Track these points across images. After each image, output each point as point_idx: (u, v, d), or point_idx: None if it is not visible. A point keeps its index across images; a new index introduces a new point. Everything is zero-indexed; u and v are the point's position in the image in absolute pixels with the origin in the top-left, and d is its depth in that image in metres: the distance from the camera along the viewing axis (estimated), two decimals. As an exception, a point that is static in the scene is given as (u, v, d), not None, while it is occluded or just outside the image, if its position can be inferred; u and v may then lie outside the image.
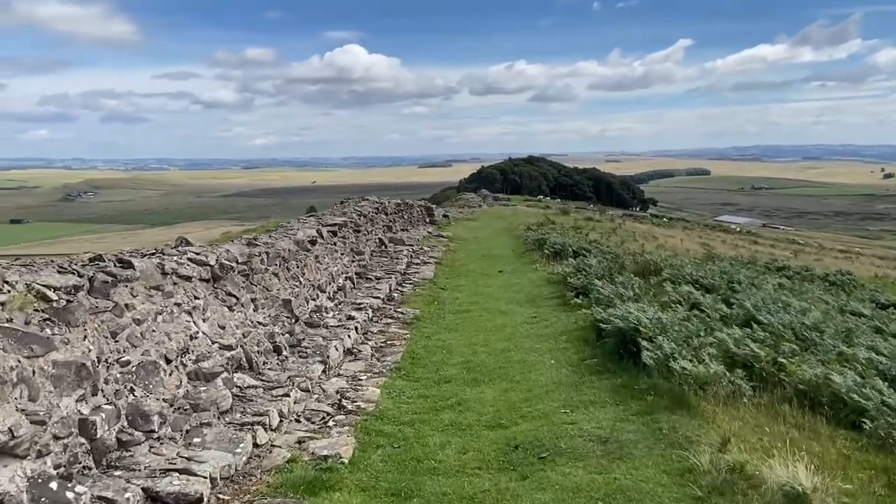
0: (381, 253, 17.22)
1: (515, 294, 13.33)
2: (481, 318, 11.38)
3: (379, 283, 13.73)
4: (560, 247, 16.78)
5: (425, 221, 28.55)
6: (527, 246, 20.41)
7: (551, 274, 14.71)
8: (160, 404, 5.23)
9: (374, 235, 17.52)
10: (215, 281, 7.61)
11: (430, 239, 22.37)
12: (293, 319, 9.22)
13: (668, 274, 14.76)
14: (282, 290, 9.47)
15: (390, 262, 16.13)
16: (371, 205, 18.88)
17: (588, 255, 16.31)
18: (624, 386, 6.93)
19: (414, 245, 19.44)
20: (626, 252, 20.97)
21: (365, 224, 16.97)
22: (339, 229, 14.16)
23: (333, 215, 15.72)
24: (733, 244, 41.96)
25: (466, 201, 57.64)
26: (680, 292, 11.30)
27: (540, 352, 8.86)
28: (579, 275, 12.45)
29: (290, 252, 10.35)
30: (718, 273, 15.47)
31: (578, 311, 10.55)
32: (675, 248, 29.04)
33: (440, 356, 9.15)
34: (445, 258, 18.45)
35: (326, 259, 12.35)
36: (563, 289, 12.69)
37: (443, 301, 13.05)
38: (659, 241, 32.28)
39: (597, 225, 34.14)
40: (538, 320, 10.75)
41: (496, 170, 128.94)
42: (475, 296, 13.45)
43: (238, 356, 7.28)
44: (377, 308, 11.96)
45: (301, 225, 13.21)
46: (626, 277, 11.81)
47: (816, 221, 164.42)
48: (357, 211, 16.74)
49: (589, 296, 11.16)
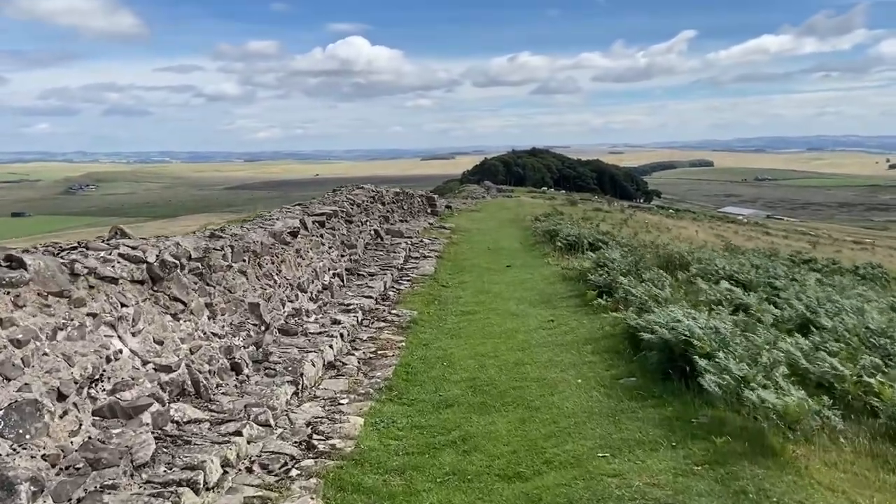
0: (376, 246, 15.63)
1: (527, 292, 11.74)
2: (489, 322, 9.80)
3: (372, 280, 12.15)
4: (574, 239, 15.16)
5: (426, 212, 26.94)
6: (536, 238, 18.81)
7: (566, 269, 13.11)
8: (36, 465, 3.66)
9: (368, 227, 15.93)
10: (155, 282, 6.04)
11: (432, 231, 20.77)
12: (262, 327, 7.65)
13: (696, 269, 13.15)
14: (250, 292, 7.89)
15: (386, 256, 14.55)
16: (366, 193, 17.28)
17: (606, 248, 14.70)
18: (677, 418, 5.34)
19: (413, 237, 17.85)
20: (641, 244, 19.35)
21: (358, 214, 15.38)
22: (327, 220, 12.58)
23: (323, 204, 14.14)
24: (746, 235, 40.29)
25: (470, 193, 56.22)
26: (718, 291, 9.70)
27: (562, 366, 7.28)
28: (601, 270, 10.85)
29: (263, 246, 8.77)
30: (751, 267, 13.84)
31: (604, 315, 8.95)
32: (690, 240, 27.39)
33: (440, 370, 7.59)
34: (447, 251, 16.86)
35: (310, 253, 10.76)
36: (581, 286, 11.09)
37: (444, 301, 11.48)
38: (672, 232, 30.64)
39: (606, 216, 32.50)
40: (556, 325, 9.15)
41: (499, 162, 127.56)
42: (481, 294, 11.87)
43: (180, 379, 5.71)
44: (369, 310, 10.39)
45: (283, 215, 11.63)
46: (654, 274, 10.22)
47: (820, 212, 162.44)
48: (350, 200, 15.15)
49: (614, 295, 9.56)
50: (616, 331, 8.06)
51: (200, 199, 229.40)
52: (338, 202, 14.44)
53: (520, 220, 26.45)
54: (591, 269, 11.20)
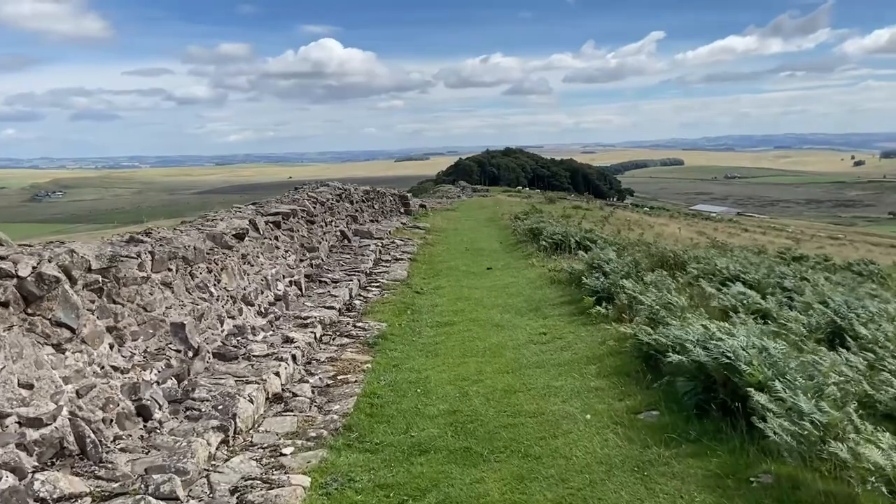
0: (342, 248, 14.12)
1: (512, 298, 10.37)
2: (470, 335, 8.41)
3: (336, 288, 10.67)
4: (560, 237, 13.84)
5: (399, 212, 25.48)
6: (517, 237, 17.48)
7: (553, 271, 11.78)
8: None
9: (334, 227, 14.42)
10: (29, 303, 4.52)
11: (405, 231, 19.32)
12: (189, 353, 6.14)
13: (696, 269, 11.94)
14: (175, 309, 6.37)
15: (353, 260, 13.07)
16: (332, 191, 15.75)
17: (595, 247, 13.42)
18: (729, 474, 4.00)
19: (384, 238, 16.38)
20: (629, 242, 18.15)
21: (322, 214, 13.86)
22: (283, 220, 11.07)
23: (280, 202, 12.61)
24: (726, 232, 39.58)
25: (445, 193, 55.07)
26: (731, 295, 8.44)
27: (563, 394, 5.91)
28: (596, 273, 9.53)
29: (197, 251, 7.25)
30: (750, 265, 12.68)
31: (605, 326, 7.61)
32: (674, 237, 26.38)
33: (413, 400, 6.17)
34: (422, 253, 15.44)
35: (261, 258, 9.25)
36: (574, 291, 9.76)
37: (418, 310, 10.07)
38: (654, 229, 29.62)
39: (587, 213, 31.39)
40: (549, 339, 7.79)
41: (474, 162, 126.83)
42: (460, 301, 10.48)
43: (58, 435, 4.21)
44: (330, 323, 8.93)
45: (230, 214, 10.09)
46: (657, 276, 8.94)
47: (789, 209, 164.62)
48: (312, 198, 13.62)
49: (615, 302, 8.24)
50: (624, 347, 6.72)
51: (171, 204, 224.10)
52: (298, 200, 12.91)
53: (498, 219, 25.16)
54: (586, 271, 9.87)
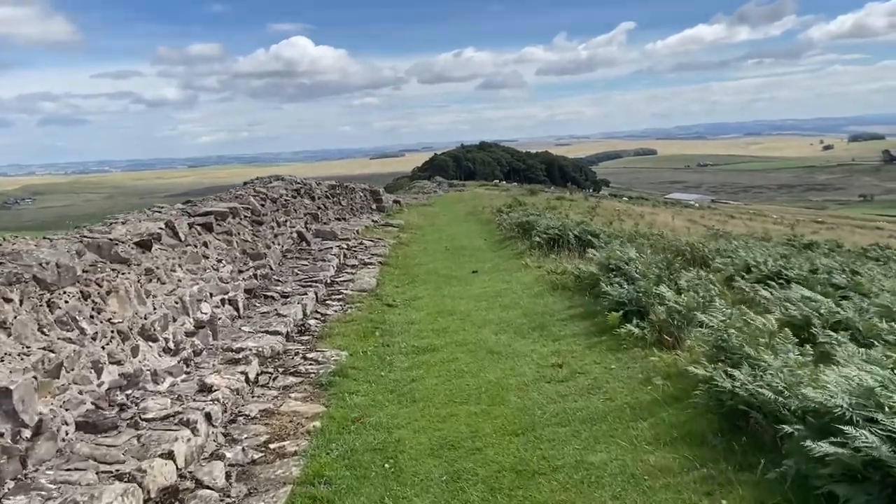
0: (299, 253, 11.85)
1: (507, 311, 8.23)
2: (457, 368, 6.27)
3: (286, 305, 8.45)
4: (557, 232, 11.70)
5: (370, 209, 23.22)
6: (504, 233, 15.35)
7: (554, 274, 9.66)
8: None
9: (288, 228, 12.13)
10: None
11: (376, 230, 17.08)
12: (17, 435, 3.88)
13: (722, 264, 9.95)
14: (6, 362, 4.12)
15: (311, 267, 10.81)
16: (287, 186, 13.43)
17: (598, 242, 11.34)
18: None
19: (351, 239, 14.12)
20: (629, 234, 16.14)
21: (273, 212, 11.57)
22: (217, 221, 8.79)
23: (219, 200, 10.31)
24: (714, 220, 37.97)
25: (421, 188, 53.08)
26: (795, 302, 6.43)
27: (609, 482, 3.78)
28: (616, 277, 7.43)
29: (63, 270, 5.00)
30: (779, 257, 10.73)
31: (643, 352, 5.52)
32: (670, 227, 24.53)
33: (378, 490, 4.02)
34: (395, 255, 13.24)
35: (178, 273, 6.98)
36: (588, 301, 7.64)
37: (389, 329, 7.90)
38: (646, 219, 27.72)
39: (572, 204, 29.41)
40: (568, 373, 5.66)
41: (449, 157, 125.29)
42: (442, 317, 8.32)
43: None
44: (272, 355, 6.73)
45: (141, 217, 7.80)
46: (695, 278, 6.86)
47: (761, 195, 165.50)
48: (261, 194, 11.31)
49: (648, 317, 6.16)
50: (682, 388, 4.63)
51: (142, 208, 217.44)
52: (241, 197, 10.61)
53: (479, 213, 23.04)
54: (601, 274, 7.76)
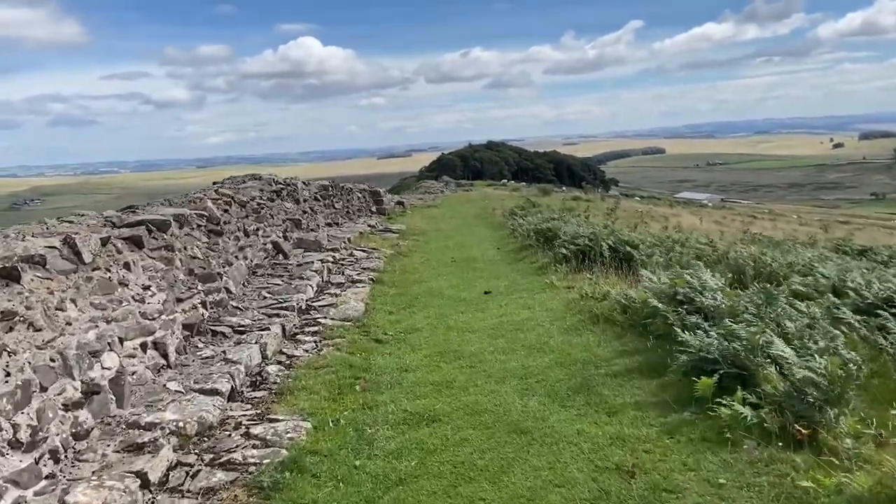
0: (273, 269, 9.74)
1: (533, 357, 6.08)
2: (467, 462, 4.14)
3: (241, 344, 6.34)
4: (587, 243, 9.49)
5: (370, 211, 21.12)
6: (520, 240, 13.19)
7: (592, 298, 7.49)
8: None
9: (260, 238, 10.01)
10: None
11: (371, 236, 14.96)
12: None
13: (802, 285, 7.79)
14: None
15: (285, 287, 8.70)
16: (263, 186, 11.29)
17: (638, 254, 9.16)
18: None
19: (340, 249, 11.99)
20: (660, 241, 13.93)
21: (240, 219, 9.45)
22: (153, 233, 6.68)
23: (168, 205, 8.22)
24: (739, 221, 35.64)
25: (427, 188, 51.19)
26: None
27: None
28: (690, 314, 5.26)
29: None
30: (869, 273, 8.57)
31: (767, 455, 3.39)
32: (702, 230, 22.30)
33: None
34: (391, 269, 11.11)
35: (67, 312, 4.86)
36: (647, 345, 5.50)
37: (374, 380, 5.78)
38: (671, 221, 25.50)
39: (590, 205, 27.18)
40: (648, 493, 3.53)
41: (456, 156, 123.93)
42: (446, 360, 6.20)
43: None
44: (198, 432, 4.63)
45: (38, 230, 5.71)
46: (817, 325, 4.71)
47: (771, 194, 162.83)
48: (225, 197, 9.20)
49: (761, 388, 4.01)
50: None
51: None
52: (196, 202, 8.49)
53: (489, 216, 20.90)
54: (666, 307, 5.59)
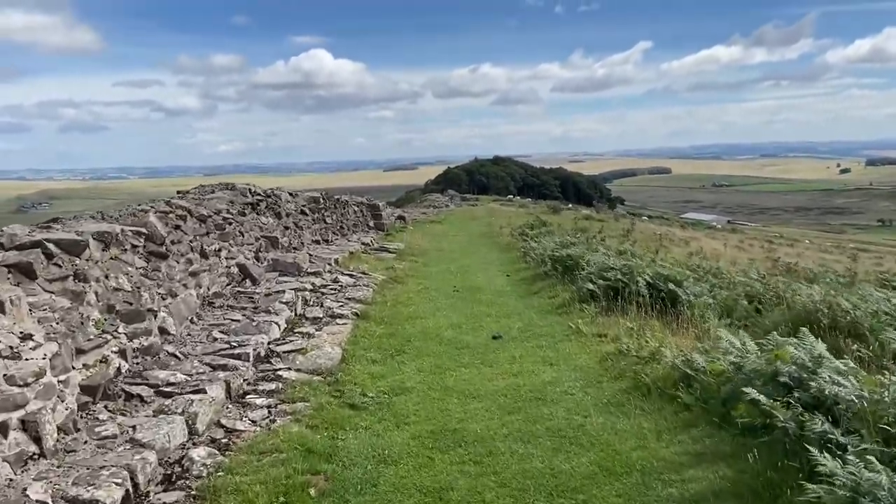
0: (235, 298, 7.93)
1: (564, 453, 4.26)
2: None
3: (163, 414, 4.55)
4: (620, 278, 7.62)
5: (366, 227, 19.37)
6: (532, 267, 11.37)
7: (635, 357, 5.68)
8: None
9: (222, 261, 8.22)
10: None
11: (363, 257, 13.14)
12: None
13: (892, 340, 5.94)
14: None
15: (244, 324, 6.90)
16: (234, 198, 9.47)
17: (683, 293, 7.35)
18: None
19: (323, 272, 10.19)
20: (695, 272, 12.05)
21: (198, 237, 7.67)
22: (52, 259, 4.91)
23: (100, 219, 6.45)
24: (758, 247, 33.73)
25: (432, 202, 49.99)
26: None
27: None
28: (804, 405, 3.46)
29: None
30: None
31: None
32: (722, 257, 20.47)
33: None
34: (382, 299, 9.27)
35: None
36: (740, 444, 3.71)
37: (341, 478, 3.97)
38: (691, 245, 23.67)
39: (604, 226, 25.37)
40: None
41: (462, 170, 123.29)
42: (441, 450, 4.37)
43: None
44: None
45: None
46: None
47: (778, 217, 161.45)
48: (176, 211, 7.44)
49: None
50: None
51: None
52: (140, 216, 6.72)
53: (496, 235, 19.11)
54: (771, 397, 3.78)
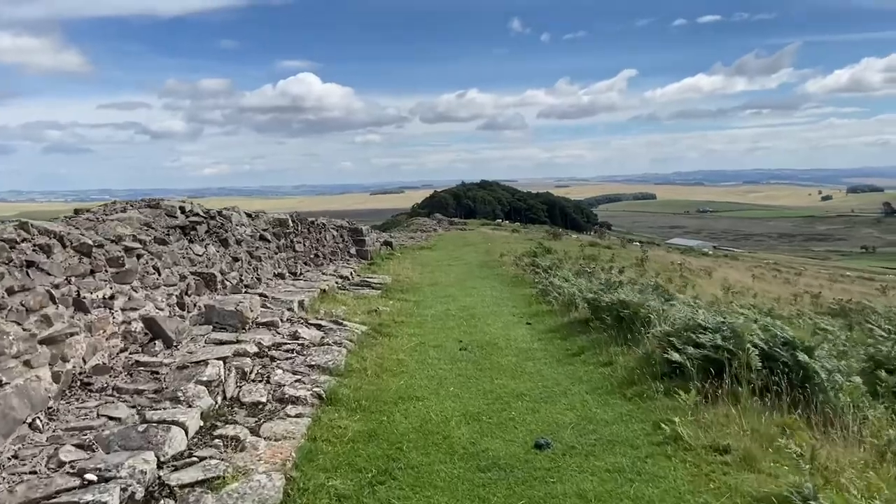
0: (130, 373, 5.13)
1: None
2: None
3: None
4: (724, 344, 4.97)
5: (347, 255, 16.60)
6: (557, 312, 8.64)
7: None
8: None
9: (115, 314, 5.43)
10: None
11: (339, 296, 10.29)
12: None
13: None
14: None
15: (123, 430, 4.10)
16: (152, 220, 6.62)
17: (817, 363, 4.71)
18: None
19: (280, 323, 7.37)
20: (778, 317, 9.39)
21: (66, 279, 4.90)
22: None
23: None
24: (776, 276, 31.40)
25: (420, 226, 47.78)
26: None
27: None
28: None
29: None
30: None
31: None
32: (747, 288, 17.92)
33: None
34: (359, 366, 6.43)
35: None
36: None
37: None
38: (713, 277, 21.18)
39: (614, 254, 22.82)
40: None
41: (449, 194, 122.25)
42: None
43: None
44: None
45: None
46: None
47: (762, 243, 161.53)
48: (46, 236, 4.69)
49: None
50: None
51: None
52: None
53: (497, 264, 16.39)
54: None
